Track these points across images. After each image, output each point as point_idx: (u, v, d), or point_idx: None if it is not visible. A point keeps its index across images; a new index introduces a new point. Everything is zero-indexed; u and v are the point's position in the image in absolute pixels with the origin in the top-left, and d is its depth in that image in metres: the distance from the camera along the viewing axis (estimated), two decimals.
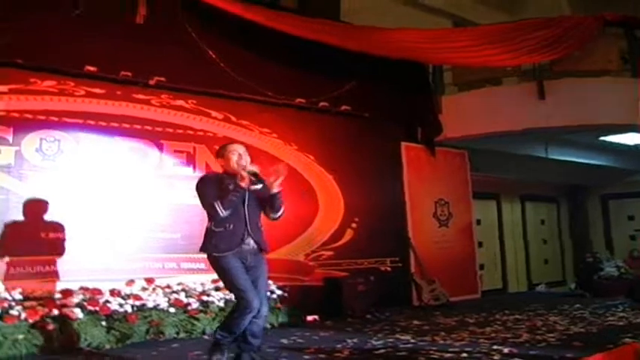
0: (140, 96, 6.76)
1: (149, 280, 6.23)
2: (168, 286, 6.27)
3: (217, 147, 4.53)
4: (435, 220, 9.18)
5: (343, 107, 8.45)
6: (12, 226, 5.67)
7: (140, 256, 6.31)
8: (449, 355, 4.47)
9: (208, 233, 4.02)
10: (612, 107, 8.41)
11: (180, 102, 7.03)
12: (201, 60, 7.06)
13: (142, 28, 6.56)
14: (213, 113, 7.26)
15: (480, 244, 10.25)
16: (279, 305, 6.82)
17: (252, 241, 4.01)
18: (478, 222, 10.32)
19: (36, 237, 5.74)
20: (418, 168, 9.11)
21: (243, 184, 3.86)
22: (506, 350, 4.56)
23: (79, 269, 5.91)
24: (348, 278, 7.73)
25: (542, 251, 12.56)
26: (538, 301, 8.41)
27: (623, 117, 8.41)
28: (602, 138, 10.35)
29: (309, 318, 7.15)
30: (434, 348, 4.78)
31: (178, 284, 6.35)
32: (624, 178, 12.64)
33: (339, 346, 5.04)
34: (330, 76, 8.13)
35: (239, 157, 4.02)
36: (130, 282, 6.14)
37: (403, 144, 9.05)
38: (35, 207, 5.81)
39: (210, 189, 3.97)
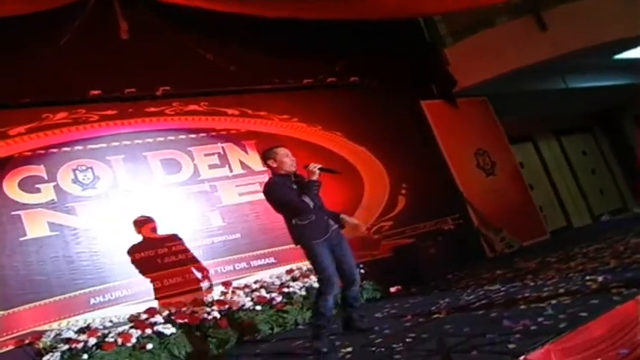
0: (152, 109, 7.37)
1: (226, 284, 6.68)
2: (247, 286, 6.73)
3: (263, 150, 5.30)
4: (481, 170, 9.84)
5: (352, 79, 9.11)
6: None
7: (208, 263, 6.76)
8: (546, 293, 4.82)
9: (297, 228, 4.83)
10: (617, 21, 9.02)
11: (192, 107, 7.65)
12: (200, 62, 7.70)
13: (131, 44, 7.19)
14: (229, 111, 7.89)
15: (531, 187, 10.88)
16: (361, 284, 7.26)
17: (333, 222, 4.94)
18: (521, 165, 10.99)
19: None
20: (445, 123, 9.83)
21: (315, 178, 4.75)
22: (600, 279, 4.86)
23: (154, 287, 6.34)
24: (417, 244, 8.25)
25: (594, 182, 13.22)
26: (609, 230, 8.83)
27: (631, 29, 9.05)
28: (616, 57, 11.09)
29: (393, 289, 7.61)
30: (527, 291, 5.15)
31: (255, 282, 6.80)
32: None
33: (434, 308, 5.45)
34: (330, 52, 8.83)
35: (290, 161, 4.92)
36: (208, 289, 6.58)
37: (423, 103, 9.75)
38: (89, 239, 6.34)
39: (286, 189, 4.80)
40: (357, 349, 4.43)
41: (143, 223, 6.57)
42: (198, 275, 6.68)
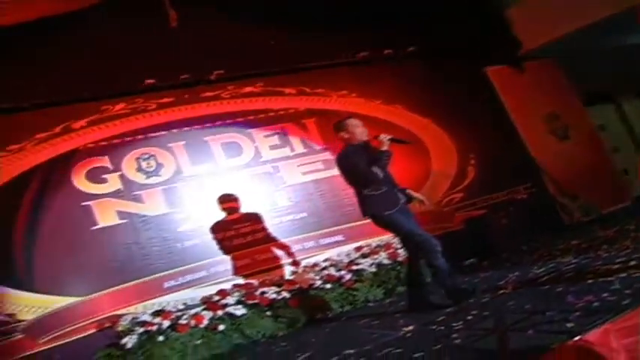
0: (208, 94, 7.86)
1: (295, 264, 7.14)
2: (316, 265, 7.15)
3: (333, 122, 5.82)
4: (553, 135, 10.03)
5: (410, 49, 9.44)
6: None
7: (277, 243, 7.23)
8: (617, 266, 4.82)
9: (367, 199, 5.23)
10: None
11: (248, 89, 8.11)
12: (252, 43, 8.17)
13: (181, 31, 7.68)
14: (286, 90, 8.32)
15: (616, 149, 10.97)
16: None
17: (402, 195, 5.32)
18: (603, 128, 11.08)
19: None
20: (512, 89, 10.03)
21: (385, 148, 5.10)
22: None
23: (225, 269, 6.85)
24: (488, 215, 8.54)
25: None
26: None
27: None
28: None
29: (466, 262, 7.93)
30: (599, 263, 5.19)
31: (325, 260, 7.23)
32: None
33: (501, 282, 5.60)
34: (385, 22, 9.15)
35: (361, 131, 5.37)
36: (278, 269, 7.05)
37: (488, 69, 9.99)
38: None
39: (357, 159, 5.20)
40: (418, 329, 4.59)
41: (221, 202, 7.21)
42: (268, 256, 7.08)
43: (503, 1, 10.54)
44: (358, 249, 7.45)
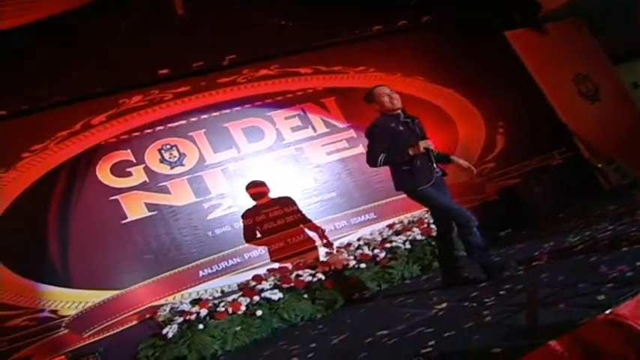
0: (223, 80, 8.38)
1: (328, 245, 7.66)
2: (349, 244, 7.65)
3: (365, 94, 5.96)
4: (583, 97, 10.47)
5: (425, 19, 9.94)
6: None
7: (308, 225, 7.75)
8: None
9: (399, 172, 5.50)
10: None
11: (264, 71, 8.62)
12: (263, 25, 8.65)
13: (190, 18, 8.18)
14: (302, 70, 8.83)
15: None
16: None
17: (437, 168, 5.53)
18: (635, 86, 11.50)
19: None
20: (536, 52, 10.43)
21: (412, 152, 5.33)
22: None
23: (258, 254, 7.40)
24: (521, 184, 9.02)
25: None
26: None
27: None
28: None
29: (502, 233, 8.37)
30: (634, 229, 5.22)
31: (358, 240, 7.74)
32: None
33: (536, 253, 5.72)
34: None
35: (390, 98, 5.55)
36: (312, 251, 7.57)
37: (507, 33, 10.42)
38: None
39: (383, 137, 5.50)
40: (451, 306, 4.77)
41: (249, 188, 7.71)
42: (300, 238, 7.61)
43: None
44: (391, 226, 7.93)
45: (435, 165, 5.47)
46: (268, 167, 7.95)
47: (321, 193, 7.97)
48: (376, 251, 7.44)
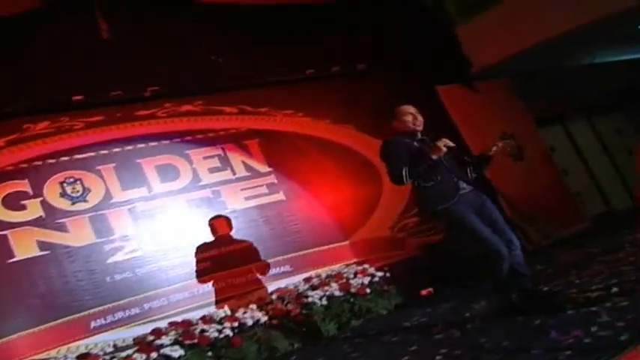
0: (142, 112, 7.35)
1: (238, 297, 6.62)
2: (261, 298, 6.61)
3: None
4: (508, 156, 9.73)
5: (359, 66, 9.05)
6: None
7: (217, 275, 6.69)
8: (596, 293, 4.49)
9: (420, 192, 4.70)
10: None
11: (186, 107, 7.63)
12: (191, 59, 7.69)
13: (114, 43, 7.20)
14: (227, 109, 7.85)
15: (566, 172, 10.77)
16: (385, 288, 7.17)
17: (465, 185, 4.68)
18: (552, 149, 10.90)
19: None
20: (464, 108, 9.72)
21: (435, 156, 4.52)
22: None
23: (160, 305, 6.24)
24: (445, 240, 8.13)
25: (631, 162, 13.10)
26: None
27: None
28: None
29: (424, 292, 7.46)
30: (574, 290, 4.87)
31: (271, 293, 6.73)
32: None
33: (468, 314, 5.20)
34: (332, 38, 8.76)
35: (414, 118, 4.84)
36: (219, 305, 6.49)
37: (439, 88, 9.67)
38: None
39: (400, 151, 4.71)
40: None
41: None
42: (207, 290, 6.55)
43: (454, 20, 10.25)
44: (307, 280, 6.98)
45: (469, 173, 4.80)
46: (180, 209, 6.97)
47: (234, 241, 6.82)
48: (291, 306, 6.54)
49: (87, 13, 7.11)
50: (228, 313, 6.29)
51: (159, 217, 6.81)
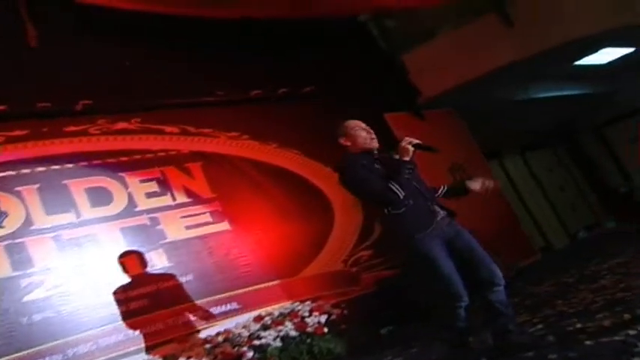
0: (72, 128, 6.22)
1: (180, 340, 5.49)
2: (208, 340, 5.51)
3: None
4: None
5: (306, 90, 8.14)
6: None
7: (154, 315, 5.50)
8: (607, 321, 3.94)
9: (391, 220, 3.81)
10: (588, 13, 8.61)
11: (122, 124, 6.53)
12: (129, 72, 6.68)
13: (44, 52, 6.19)
14: (167, 129, 6.79)
15: None
16: (344, 327, 6.18)
17: (439, 209, 3.89)
18: None
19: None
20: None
21: (408, 158, 3.78)
22: None
23: (86, 350, 5.03)
24: (402, 274, 7.20)
25: (564, 198, 12.75)
26: (603, 246, 8.31)
27: (601, 20, 8.64)
28: (577, 63, 10.71)
29: (384, 331, 6.58)
30: (576, 320, 4.33)
31: (217, 335, 5.61)
32: (611, 103, 13.17)
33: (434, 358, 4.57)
34: (283, 61, 7.89)
35: (368, 134, 3.99)
36: (156, 348, 5.32)
37: (386, 115, 8.86)
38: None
39: (361, 171, 3.83)
40: None
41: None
42: (144, 331, 5.36)
43: (400, 48, 9.64)
44: (258, 319, 5.90)
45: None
46: (113, 238, 5.80)
47: (175, 274, 5.67)
48: (242, 349, 5.49)
49: (14, 19, 6.07)
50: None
51: (88, 246, 5.66)
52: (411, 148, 3.80)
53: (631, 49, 10.29)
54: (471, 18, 9.16)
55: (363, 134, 3.97)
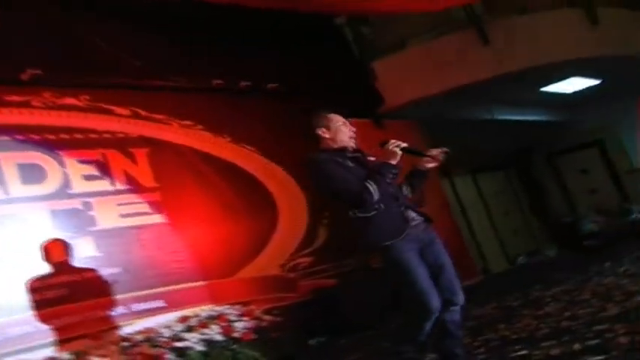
0: (15, 97, 5.63)
1: (95, 337, 4.93)
2: (126, 339, 5.00)
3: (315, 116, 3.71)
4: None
5: (270, 86, 7.61)
6: None
7: (70, 307, 4.97)
8: (556, 350, 3.68)
9: (360, 222, 3.35)
10: (564, 40, 8.55)
11: (69, 100, 5.97)
12: (85, 45, 6.11)
13: None
14: (117, 109, 6.21)
15: None
16: (273, 335, 5.73)
17: (414, 215, 3.44)
18: None
19: None
20: (371, 145, 8.46)
21: (395, 162, 3.36)
22: (622, 331, 3.75)
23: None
24: (339, 285, 6.77)
25: (507, 223, 12.47)
26: (544, 273, 7.92)
27: (577, 49, 8.56)
28: (543, 89, 10.47)
29: (313, 341, 6.23)
30: (519, 347, 4.02)
31: (137, 333, 5.09)
32: (568, 132, 12.94)
33: None
34: (246, 52, 7.35)
35: (350, 131, 3.60)
36: (69, 343, 4.79)
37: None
38: None
39: (335, 168, 3.38)
40: None
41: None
42: (58, 324, 4.86)
43: (372, 55, 9.22)
44: (183, 319, 5.42)
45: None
46: (41, 219, 5.28)
47: (101, 265, 5.14)
48: (161, 350, 5.01)
49: None
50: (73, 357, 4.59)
51: (12, 226, 5.09)
52: (399, 152, 3.37)
53: (597, 81, 10.14)
54: (448, 31, 8.85)
55: (345, 131, 3.58)
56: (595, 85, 10.45)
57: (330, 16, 8.89)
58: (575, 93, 10.80)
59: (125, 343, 5.02)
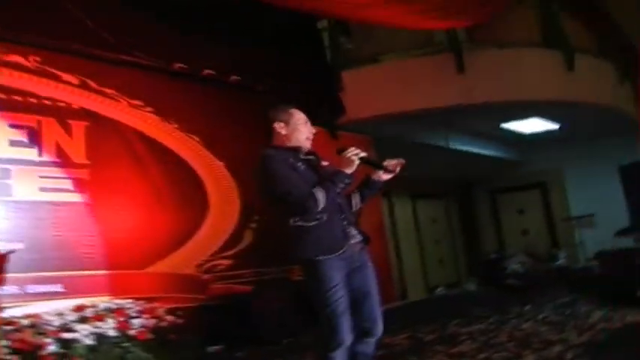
0: None
1: None
2: (10, 322, 4.60)
3: (273, 107, 3.39)
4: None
5: (233, 77, 7.19)
6: None
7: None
8: None
9: (298, 231, 3.05)
10: (539, 80, 8.42)
11: (15, 57, 5.51)
12: (51, 4, 5.66)
13: None
14: (65, 76, 5.76)
15: None
16: (171, 337, 5.41)
17: (355, 232, 3.16)
18: None
19: None
20: (322, 155, 8.13)
21: (350, 171, 3.07)
22: None
23: None
24: (254, 293, 6.48)
25: (435, 252, 12.38)
26: (462, 307, 7.67)
27: (550, 91, 8.44)
28: (503, 125, 10.27)
29: (212, 349, 5.87)
30: None
31: (24, 317, 4.69)
32: (513, 171, 12.81)
33: None
34: (215, 40, 6.95)
35: (309, 131, 3.30)
36: None
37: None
38: None
39: (283, 168, 3.07)
40: None
41: None
42: None
43: (344, 65, 8.86)
44: (79, 308, 4.99)
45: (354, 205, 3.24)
46: None
47: (4, 238, 4.71)
48: (44, 340, 4.52)
49: None
50: None
51: None
52: (356, 161, 3.08)
53: (555, 126, 10.05)
54: (425, 53, 8.67)
55: (304, 130, 3.27)
56: (552, 131, 10.37)
57: (312, 17, 8.45)
58: (531, 134, 10.73)
59: (7, 327, 4.61)
